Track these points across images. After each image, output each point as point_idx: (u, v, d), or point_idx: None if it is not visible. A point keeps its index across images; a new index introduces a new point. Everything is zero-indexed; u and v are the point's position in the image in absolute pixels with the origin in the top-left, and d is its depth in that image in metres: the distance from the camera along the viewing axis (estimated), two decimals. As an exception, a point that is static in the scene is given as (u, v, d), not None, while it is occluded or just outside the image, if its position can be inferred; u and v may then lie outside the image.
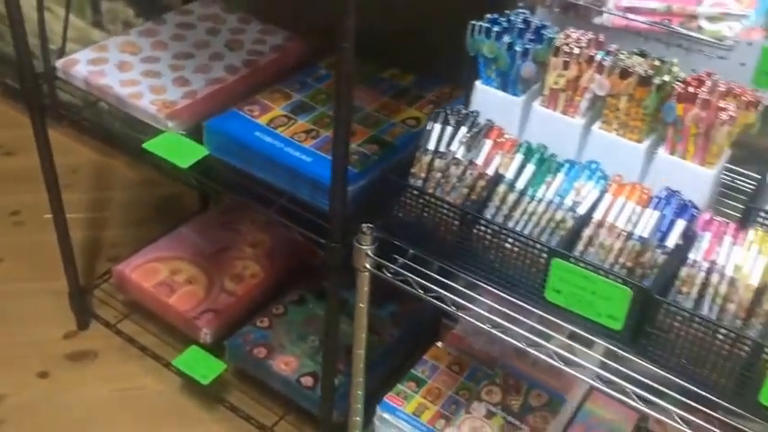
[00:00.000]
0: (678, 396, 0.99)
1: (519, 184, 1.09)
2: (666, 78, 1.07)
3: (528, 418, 1.43)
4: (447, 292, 1.12)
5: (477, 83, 1.20)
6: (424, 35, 1.47)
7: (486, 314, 1.08)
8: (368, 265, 1.17)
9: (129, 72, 1.48)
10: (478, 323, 1.08)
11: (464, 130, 1.12)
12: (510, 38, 1.14)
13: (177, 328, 1.78)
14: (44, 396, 1.76)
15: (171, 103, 1.40)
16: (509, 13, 1.18)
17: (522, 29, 1.16)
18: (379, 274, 1.16)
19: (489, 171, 1.10)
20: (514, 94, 1.18)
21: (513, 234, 1.06)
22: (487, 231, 1.08)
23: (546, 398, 1.47)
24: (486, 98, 1.20)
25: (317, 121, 1.39)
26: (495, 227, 1.07)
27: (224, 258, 1.88)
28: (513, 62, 1.15)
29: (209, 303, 1.76)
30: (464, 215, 1.08)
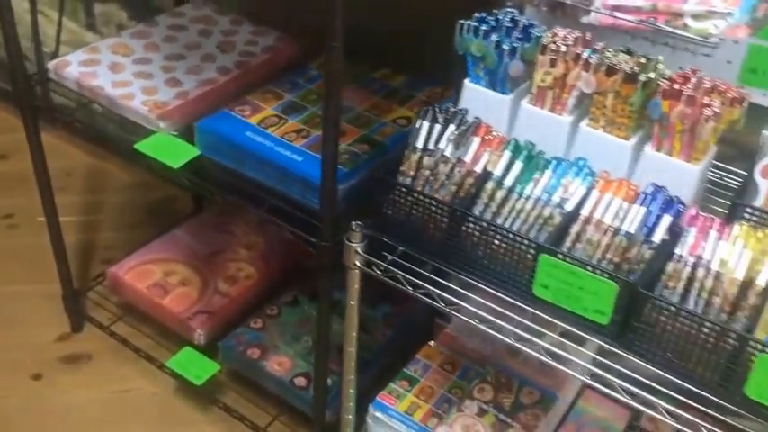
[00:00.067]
0: (666, 390, 0.99)
1: (507, 182, 1.09)
2: (652, 75, 1.08)
3: (519, 415, 1.43)
4: (436, 289, 1.12)
5: (466, 81, 1.21)
6: (415, 35, 1.48)
7: (475, 310, 1.09)
8: (358, 263, 1.18)
9: (121, 73, 1.49)
10: (466, 318, 1.09)
11: (452, 127, 1.13)
12: (498, 36, 1.15)
13: (171, 329, 1.78)
14: (38, 398, 1.76)
15: (162, 104, 1.41)
16: (497, 12, 1.19)
17: (510, 28, 1.17)
18: (368, 271, 1.17)
19: (477, 168, 1.11)
20: (503, 92, 1.19)
21: (502, 231, 1.06)
22: (476, 228, 1.08)
23: (537, 395, 1.47)
24: (475, 97, 1.21)
25: (307, 121, 1.40)
26: (484, 224, 1.07)
27: (218, 260, 1.88)
28: (501, 60, 1.16)
29: (202, 305, 1.76)
30: (453, 212, 1.09)
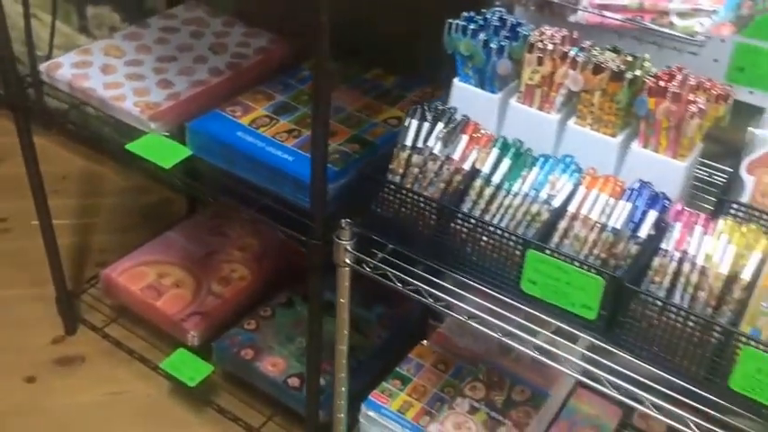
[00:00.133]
0: (654, 385, 1.00)
1: (495, 179, 1.10)
2: (638, 73, 1.09)
3: (511, 413, 1.44)
4: (426, 286, 1.13)
5: (455, 80, 1.22)
6: (408, 36, 1.49)
7: (464, 306, 1.10)
8: (348, 260, 1.18)
9: (113, 75, 1.49)
10: (455, 315, 1.09)
11: (441, 125, 1.14)
12: (486, 35, 1.16)
13: (165, 331, 1.78)
14: (32, 401, 1.77)
15: (154, 105, 1.42)
16: (485, 11, 1.20)
17: (498, 26, 1.18)
18: (358, 268, 1.17)
19: (466, 166, 1.12)
20: (492, 91, 1.20)
21: (490, 227, 1.07)
22: (464, 225, 1.09)
23: (529, 393, 1.48)
24: (465, 95, 1.21)
25: (299, 121, 1.40)
26: (472, 220, 1.08)
27: (212, 262, 1.89)
28: (489, 59, 1.16)
29: (196, 306, 1.77)
30: (441, 209, 1.10)
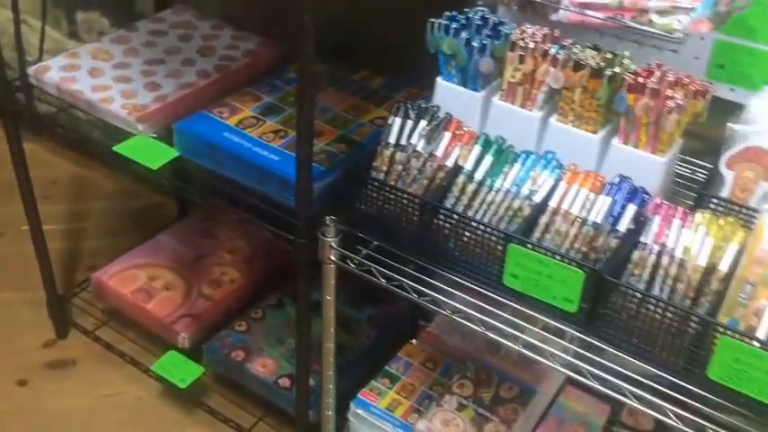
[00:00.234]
0: (634, 376, 1.01)
1: (478, 175, 1.11)
2: (618, 70, 1.10)
3: (499, 409, 1.44)
4: (410, 281, 1.14)
5: (439, 79, 1.23)
6: (394, 37, 1.50)
7: (448, 300, 1.11)
8: (332, 257, 1.19)
9: (101, 78, 1.51)
10: (438, 310, 1.10)
11: (424, 123, 1.15)
12: (468, 34, 1.18)
13: (156, 333, 1.79)
14: (23, 404, 1.77)
15: (141, 107, 1.43)
16: (467, 10, 1.22)
17: (480, 25, 1.19)
18: (343, 265, 1.19)
19: (449, 163, 1.13)
20: (474, 89, 1.21)
21: (472, 222, 1.08)
22: (447, 221, 1.10)
23: (517, 390, 1.48)
24: (448, 94, 1.23)
25: (285, 122, 1.42)
26: (455, 216, 1.09)
27: (202, 264, 1.89)
28: (471, 57, 1.18)
29: (186, 308, 1.77)
30: (424, 206, 1.11)
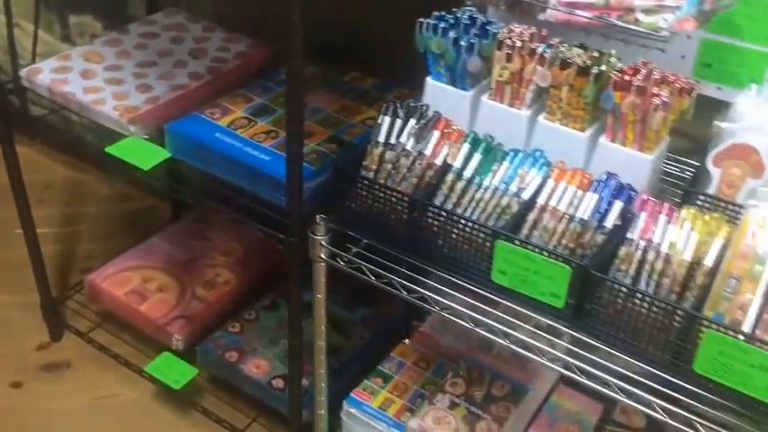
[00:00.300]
0: (621, 370, 1.02)
1: (466, 173, 1.12)
2: (604, 68, 1.11)
3: (490, 407, 1.45)
4: (399, 278, 1.15)
5: (428, 79, 1.24)
6: (385, 38, 1.50)
7: (437, 297, 1.11)
8: (323, 255, 1.20)
9: (93, 79, 1.51)
10: (427, 306, 1.11)
11: (413, 122, 1.16)
12: (456, 33, 1.18)
13: (149, 335, 1.79)
14: (18, 406, 1.77)
15: (133, 109, 1.43)
16: (456, 10, 1.23)
17: (468, 25, 1.20)
18: (333, 263, 1.19)
19: (438, 161, 1.14)
20: (463, 88, 1.22)
21: (460, 219, 1.09)
22: (436, 218, 1.11)
23: (509, 388, 1.49)
24: (437, 93, 1.24)
25: (276, 123, 1.42)
26: (444, 214, 1.10)
27: (196, 266, 1.90)
28: (459, 57, 1.19)
29: (180, 310, 1.78)
30: (413, 203, 1.12)
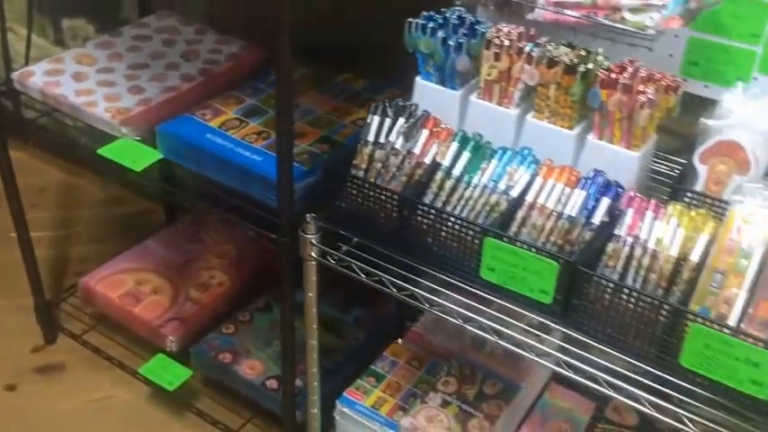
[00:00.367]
0: (613, 366, 1.03)
1: (455, 171, 1.13)
2: (591, 66, 1.12)
3: (482, 405, 1.46)
4: (389, 276, 1.15)
5: (417, 78, 1.25)
6: (376, 40, 1.51)
7: (427, 294, 1.12)
8: (313, 254, 1.21)
9: (85, 82, 1.52)
10: (417, 304, 1.12)
11: (402, 121, 1.17)
12: (444, 33, 1.19)
13: (143, 337, 1.79)
14: (12, 409, 1.77)
15: (125, 110, 1.44)
16: (444, 10, 1.24)
17: (457, 25, 1.21)
18: (323, 261, 1.20)
19: (427, 160, 1.15)
20: (452, 87, 1.23)
21: (449, 217, 1.10)
22: (426, 216, 1.11)
23: (500, 386, 1.50)
24: (427, 93, 1.24)
25: (267, 124, 1.43)
26: (433, 212, 1.11)
27: (190, 269, 1.90)
28: (448, 56, 1.20)
29: (174, 312, 1.78)
30: (403, 202, 1.12)
